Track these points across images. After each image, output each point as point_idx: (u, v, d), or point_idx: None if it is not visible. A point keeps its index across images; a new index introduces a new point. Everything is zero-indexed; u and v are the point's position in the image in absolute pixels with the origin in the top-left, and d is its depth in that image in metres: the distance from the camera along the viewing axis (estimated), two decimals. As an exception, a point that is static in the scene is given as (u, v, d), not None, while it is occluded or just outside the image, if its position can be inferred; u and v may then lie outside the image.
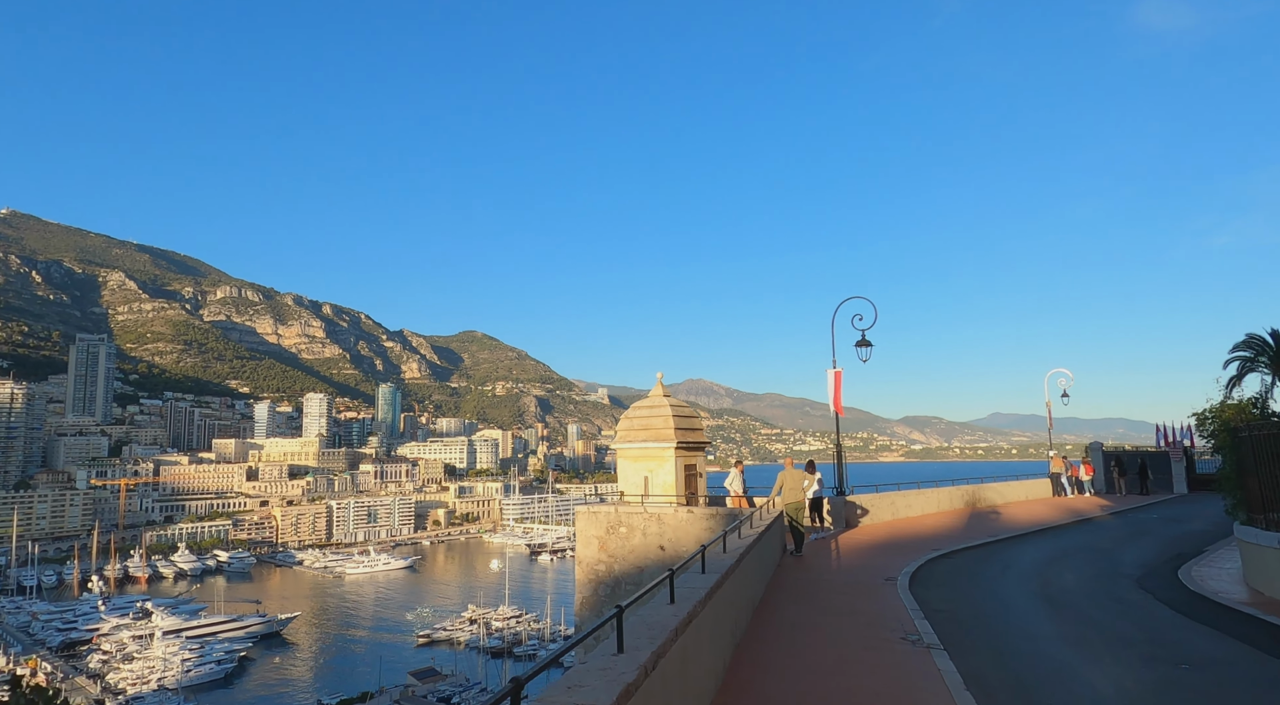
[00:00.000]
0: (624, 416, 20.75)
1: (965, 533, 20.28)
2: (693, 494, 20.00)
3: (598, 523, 17.85)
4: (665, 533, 17.15)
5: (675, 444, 19.40)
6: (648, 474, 19.69)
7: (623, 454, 20.26)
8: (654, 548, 17.20)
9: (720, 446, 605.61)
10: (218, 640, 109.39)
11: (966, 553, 16.74)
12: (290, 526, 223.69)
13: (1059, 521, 23.75)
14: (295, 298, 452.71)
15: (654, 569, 17.09)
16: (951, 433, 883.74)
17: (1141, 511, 28.53)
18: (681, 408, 20.66)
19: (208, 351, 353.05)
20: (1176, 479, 40.57)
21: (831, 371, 21.66)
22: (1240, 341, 49.81)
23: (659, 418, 19.90)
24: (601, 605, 17.61)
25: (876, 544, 17.91)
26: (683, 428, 20.02)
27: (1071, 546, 17.99)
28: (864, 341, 21.54)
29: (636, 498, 19.40)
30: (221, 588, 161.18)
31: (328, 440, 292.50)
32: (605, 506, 18.01)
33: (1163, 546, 18.25)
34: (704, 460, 20.82)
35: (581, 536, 18.02)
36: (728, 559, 8.51)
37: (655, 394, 20.90)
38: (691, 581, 7.14)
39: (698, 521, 16.78)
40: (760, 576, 11.40)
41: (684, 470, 19.81)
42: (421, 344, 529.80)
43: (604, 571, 17.71)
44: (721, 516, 16.61)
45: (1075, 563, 15.29)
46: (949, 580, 13.08)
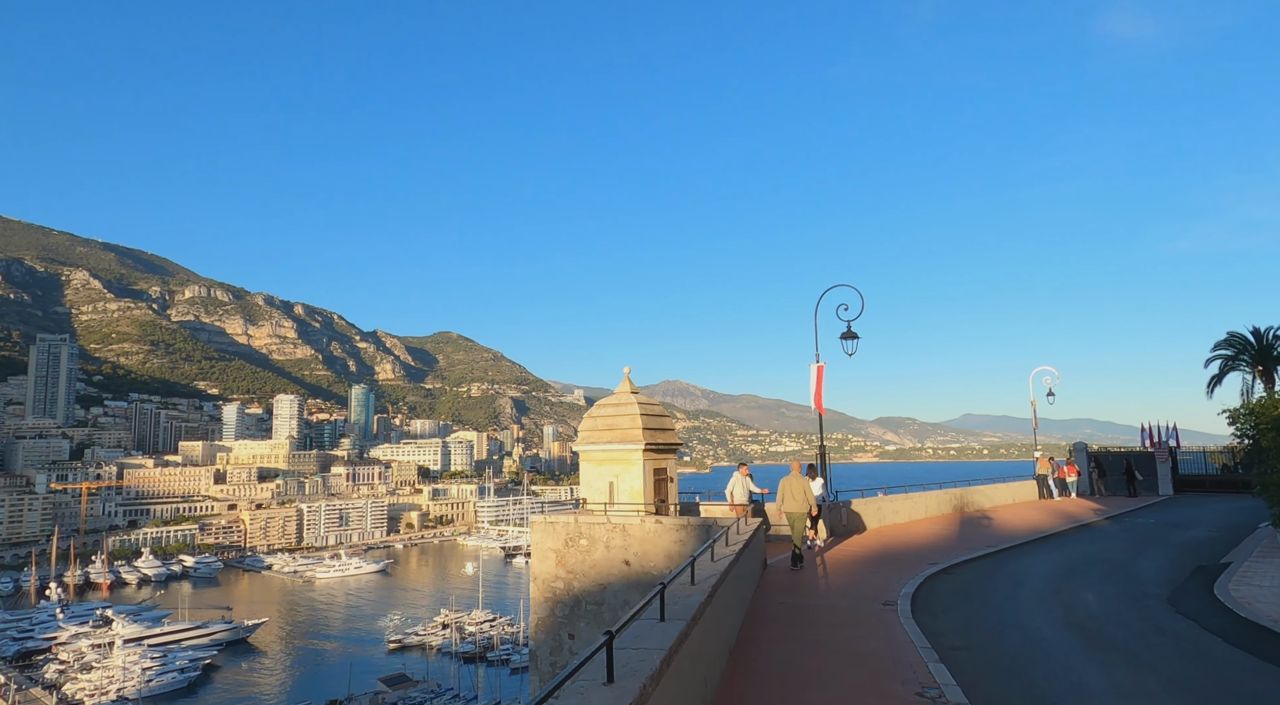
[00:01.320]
0: (587, 416, 18.76)
1: (961, 542, 18.54)
2: (663, 501, 18.09)
3: (555, 534, 15.87)
4: (631, 546, 15.20)
5: (643, 446, 17.46)
6: (613, 479, 17.74)
7: (586, 457, 18.29)
8: (618, 563, 15.24)
9: (696, 448, 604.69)
10: (181, 648, 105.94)
11: (968, 567, 14.96)
12: (259, 530, 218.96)
13: (1056, 528, 22.13)
14: (266, 298, 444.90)
15: (618, 587, 15.15)
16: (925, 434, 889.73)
17: (1137, 516, 27.09)
18: (651, 406, 18.73)
19: (175, 352, 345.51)
20: (1162, 480, 39.57)
21: (814, 366, 19.83)
22: (1221, 340, 48.62)
23: (625, 417, 17.96)
24: (559, 627, 15.61)
25: (867, 556, 16.08)
26: (652, 428, 18.09)
27: (1080, 558, 16.29)
28: (850, 333, 19.74)
29: (600, 505, 17.45)
30: (187, 594, 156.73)
31: (299, 442, 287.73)
32: (563, 516, 16.02)
33: (1177, 557, 16.65)
34: (675, 464, 18.91)
35: (537, 550, 16.02)
36: (694, 595, 6.57)
37: (622, 391, 18.95)
38: (646, 636, 5.20)
39: (667, 533, 14.84)
40: (738, 605, 9.50)
41: (653, 475, 17.88)
42: (396, 345, 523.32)
43: (562, 589, 15.71)
44: (694, 528, 14.69)
45: (1091, 578, 13.56)
46: (957, 603, 11.27)
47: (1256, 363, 48.38)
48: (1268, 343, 48.39)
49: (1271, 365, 48.30)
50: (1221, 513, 27.93)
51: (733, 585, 8.62)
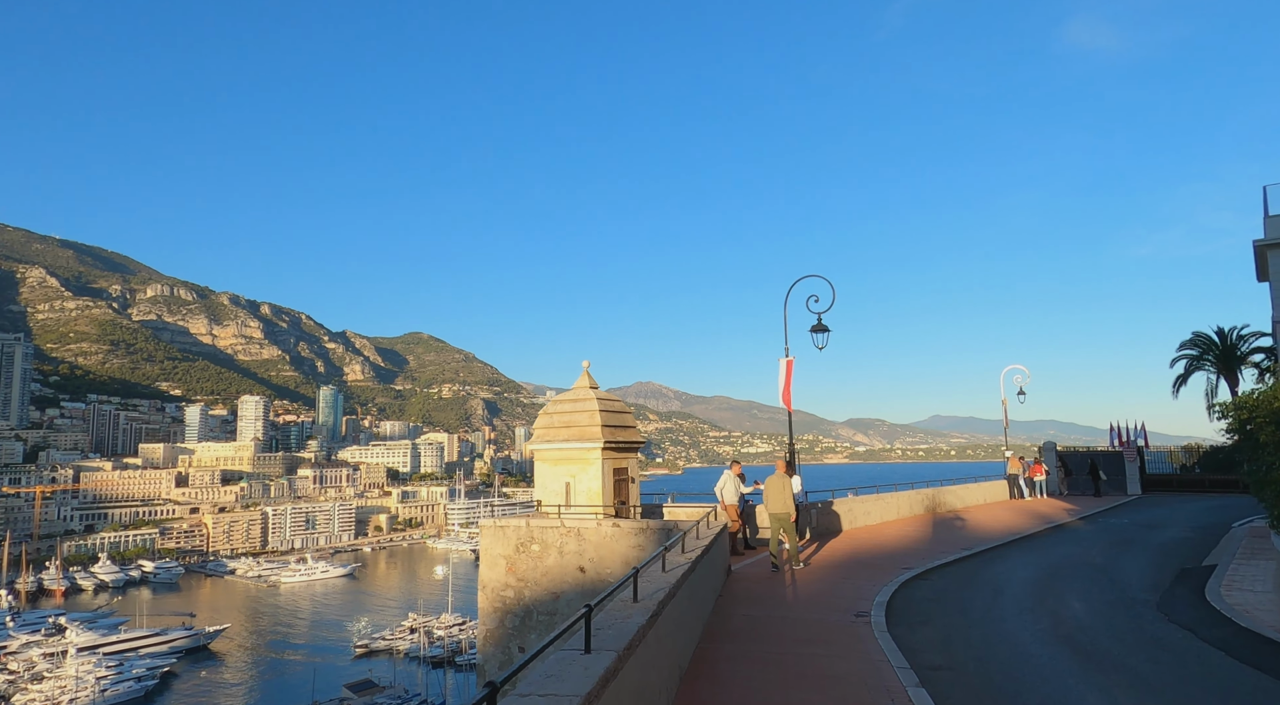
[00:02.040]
0: (543, 413, 17.66)
1: (935, 545, 17.72)
2: (623, 503, 17.03)
3: (505, 539, 14.75)
4: (586, 551, 14.14)
5: (602, 444, 16.40)
6: (570, 480, 16.65)
7: (541, 456, 17.19)
8: (572, 569, 14.17)
9: (669, 449, 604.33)
10: (139, 656, 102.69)
11: (944, 571, 14.10)
12: (222, 534, 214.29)
13: (1031, 529, 21.44)
14: (231, 297, 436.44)
15: (571, 595, 14.07)
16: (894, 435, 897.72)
17: (1110, 516, 26.64)
18: (611, 402, 17.67)
19: (136, 352, 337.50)
20: (1130, 479, 39.45)
21: (783, 361, 18.89)
22: (1186, 340, 48.57)
23: (584, 414, 16.88)
24: (509, 639, 14.49)
25: (839, 561, 15.16)
26: (612, 425, 17.03)
27: (1059, 561, 15.52)
28: (820, 326, 18.82)
29: (556, 508, 16.36)
30: (146, 600, 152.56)
31: (264, 444, 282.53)
32: (515, 519, 14.91)
33: (1158, 559, 15.98)
34: (637, 464, 17.88)
35: (486, 556, 14.89)
36: (634, 616, 5.51)
37: (580, 386, 17.87)
38: (562, 676, 4.13)
39: (625, 537, 13.81)
40: (694, 621, 8.47)
41: (613, 475, 16.83)
42: (365, 345, 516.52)
43: (512, 598, 14.59)
44: (654, 532, 13.68)
45: (1075, 583, 12.75)
46: (935, 614, 10.36)
47: (1220, 363, 48.59)
48: (1231, 343, 48.58)
49: (1235, 365, 48.51)
50: (1193, 512, 27.61)
51: (686, 600, 7.60)
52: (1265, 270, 45.57)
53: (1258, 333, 48.32)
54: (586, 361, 18.10)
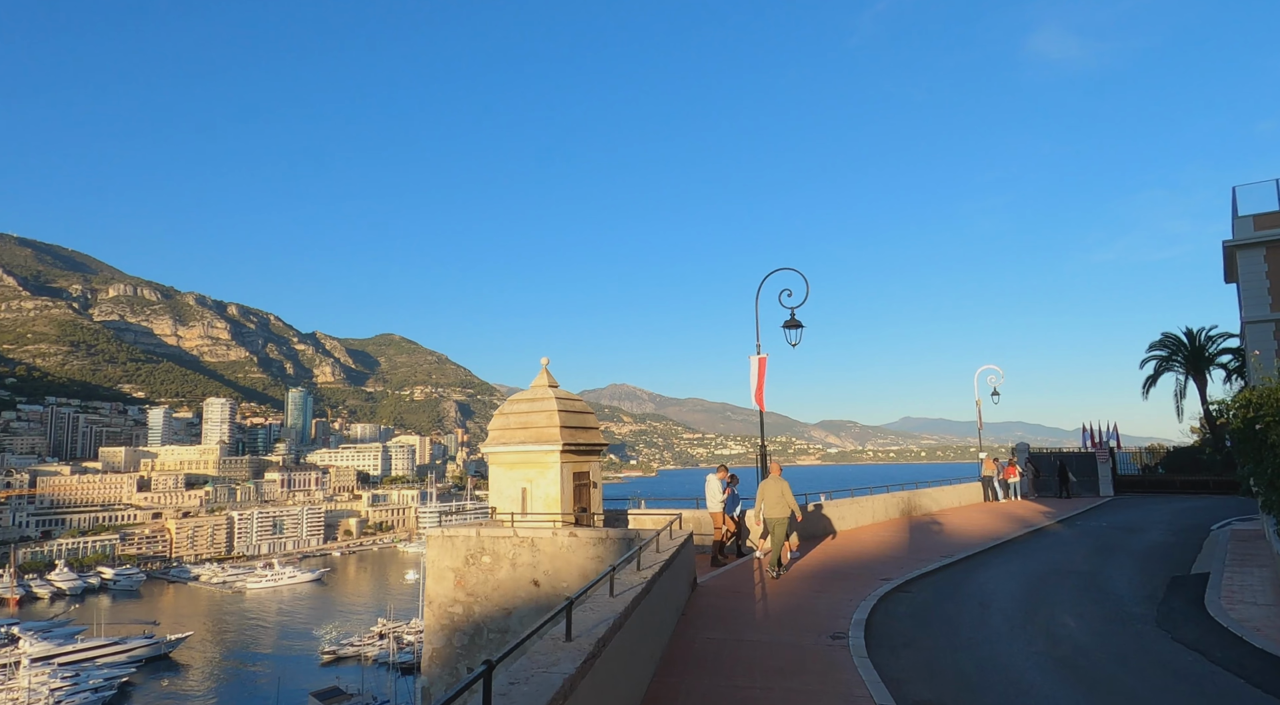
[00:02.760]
0: (498, 413, 16.51)
1: (914, 552, 16.82)
2: (584, 509, 15.92)
3: (454, 550, 13.58)
4: (541, 563, 13.02)
5: (561, 447, 15.28)
6: (526, 485, 15.52)
7: (495, 460, 16.03)
8: (526, 582, 13.04)
9: (643, 451, 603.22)
10: (96, 666, 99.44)
11: (926, 582, 13.16)
12: (186, 540, 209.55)
13: (1010, 534, 20.66)
14: (198, 297, 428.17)
15: (525, 611, 12.94)
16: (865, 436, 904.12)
17: (1087, 518, 26.04)
18: (571, 402, 16.56)
19: (97, 353, 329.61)
20: (1103, 481, 39.07)
21: (754, 358, 17.89)
22: (1156, 341, 48.35)
23: (541, 414, 15.75)
24: (457, 660, 13.32)
25: (812, 570, 14.17)
26: (572, 426, 15.92)
27: (1044, 569, 14.66)
28: (793, 321, 17.83)
29: (511, 516, 15.21)
30: (105, 608, 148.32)
31: (230, 447, 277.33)
32: (464, 528, 13.75)
33: (1145, 566, 15.21)
34: (599, 467, 16.78)
35: (433, 568, 13.72)
36: (562, 661, 4.41)
37: (539, 384, 16.75)
38: None
39: (582, 548, 12.71)
40: (647, 651, 7.40)
41: (573, 479, 15.72)
42: (336, 347, 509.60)
43: (461, 615, 13.42)
44: (615, 541, 12.60)
45: (1064, 595, 11.87)
46: (918, 633, 9.38)
47: (1189, 364, 48.58)
48: (1200, 344, 48.59)
49: (1204, 366, 48.51)
50: (1169, 515, 27.14)
51: (637, 629, 6.54)
52: (1234, 271, 45.58)
53: (1226, 333, 48.39)
54: (545, 358, 16.98)
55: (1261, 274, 42.18)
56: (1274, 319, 40.57)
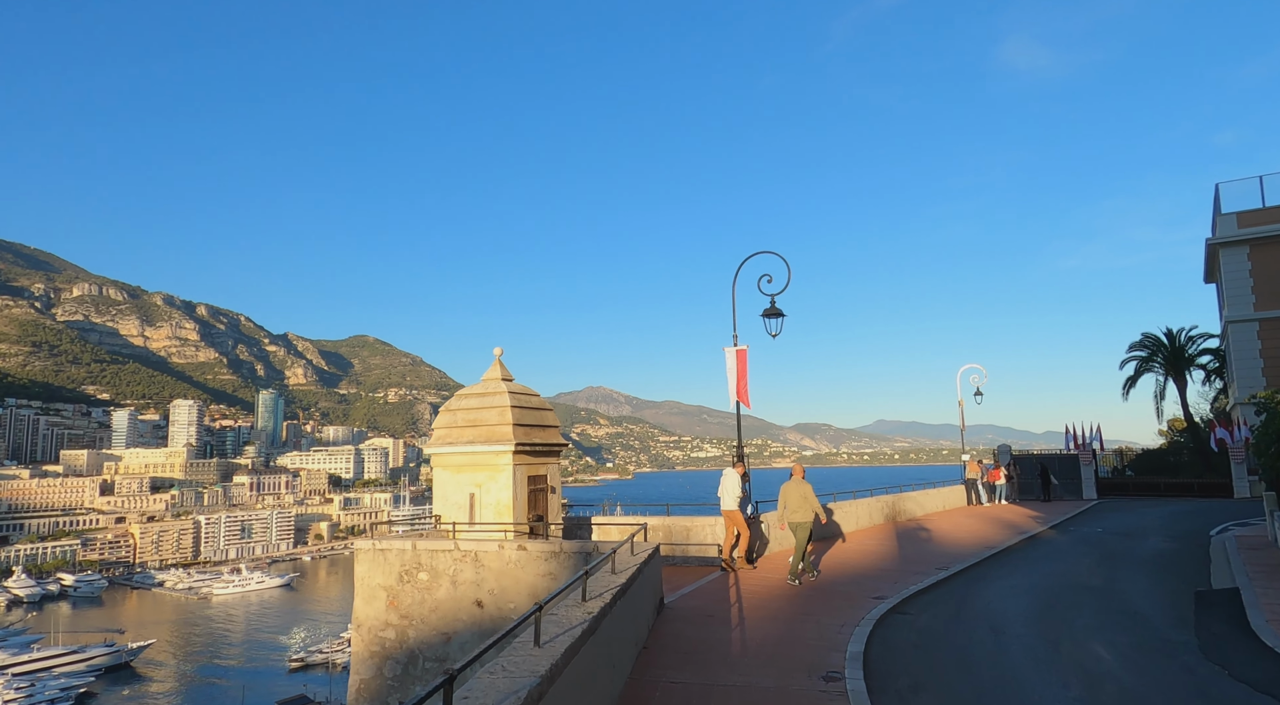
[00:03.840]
0: (444, 409, 14.72)
1: (906, 563, 15.30)
2: (540, 518, 14.19)
3: (387, 565, 11.82)
4: (486, 580, 11.30)
5: (514, 447, 13.55)
6: (475, 490, 13.76)
7: (440, 462, 14.25)
8: (468, 603, 11.31)
9: (620, 454, 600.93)
10: (53, 676, 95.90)
11: (925, 601, 11.59)
12: (151, 545, 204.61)
13: (1004, 541, 19.23)
14: (165, 297, 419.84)
15: (466, 636, 11.20)
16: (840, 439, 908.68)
17: (1079, 524, 24.79)
18: (527, 397, 14.82)
19: (60, 354, 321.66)
20: (1086, 484, 38.06)
21: (732, 350, 16.24)
22: (1135, 342, 47.28)
23: (493, 410, 14.01)
24: (388, 693, 11.53)
25: (796, 587, 12.54)
26: (527, 424, 14.19)
27: (1052, 583, 13.17)
28: (774, 310, 16.22)
29: (462, 524, 13.47)
30: (65, 615, 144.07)
31: (198, 450, 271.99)
32: (399, 541, 11.98)
33: (1158, 577, 13.80)
34: (558, 470, 15.07)
35: (362, 587, 11.94)
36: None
37: (490, 377, 14.99)
38: None
39: (533, 563, 11.01)
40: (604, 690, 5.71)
41: (527, 484, 13.99)
42: (308, 348, 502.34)
43: (393, 641, 11.65)
44: (569, 555, 10.92)
45: (1085, 617, 10.36)
46: (928, 670, 7.79)
47: (1169, 364, 47.82)
48: (1180, 345, 47.81)
49: (1184, 367, 47.75)
50: (1162, 519, 26.01)
51: (575, 684, 4.85)
52: (1215, 270, 44.84)
53: (1206, 334, 47.72)
54: (499, 348, 15.22)
55: (1245, 272, 41.33)
56: (1258, 318, 39.76)
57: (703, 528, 15.64)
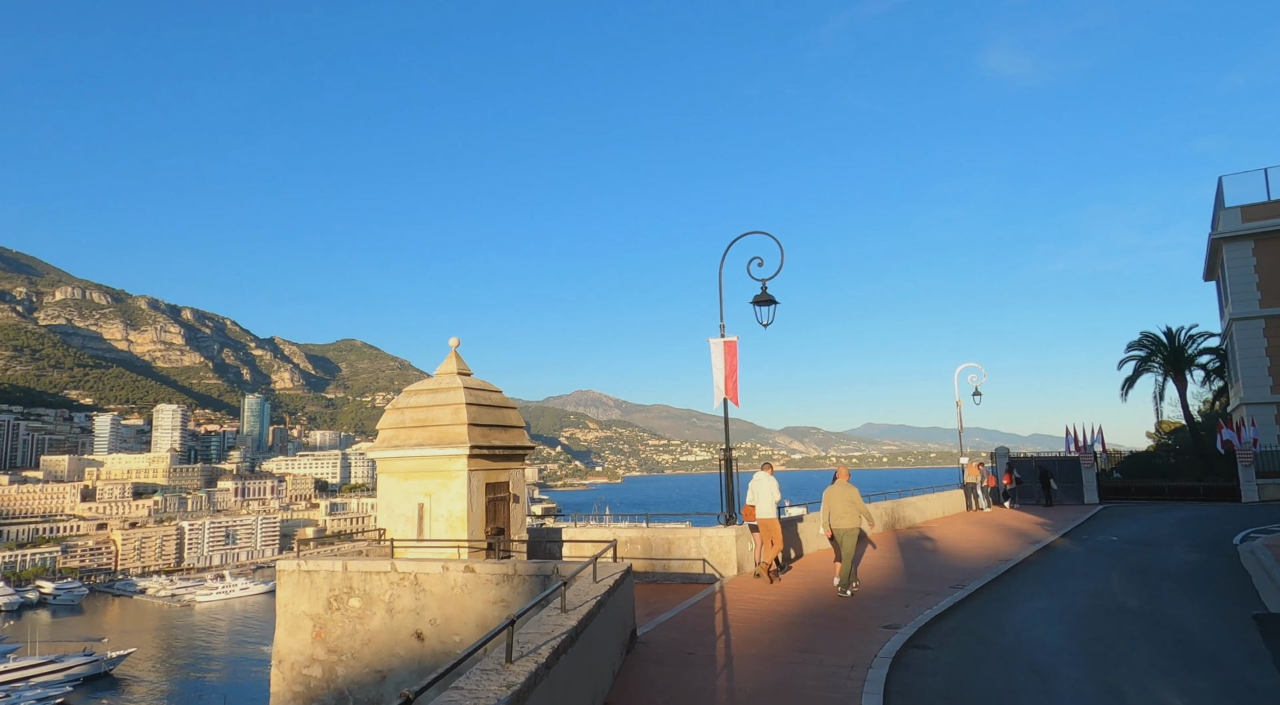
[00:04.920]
0: (391, 407, 12.95)
1: (914, 579, 13.61)
2: (500, 531, 12.42)
3: (314, 590, 10.05)
4: (427, 608, 9.55)
5: (469, 450, 11.80)
6: (424, 500, 12.00)
7: (386, 468, 12.48)
8: (406, 635, 9.55)
9: (609, 458, 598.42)
10: (29, 686, 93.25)
11: (943, 628, 9.87)
12: (133, 551, 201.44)
13: (1017, 552, 17.57)
14: (150, 301, 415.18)
15: (403, 675, 9.43)
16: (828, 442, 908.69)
17: (1091, 531, 23.21)
18: (487, 394, 13.05)
19: (42, 358, 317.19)
20: (1087, 488, 36.56)
21: (719, 341, 14.51)
22: (1134, 341, 45.70)
23: (446, 408, 12.25)
24: (312, 742, 9.76)
25: (792, 610, 10.81)
26: (486, 424, 12.43)
27: (1084, 605, 11.49)
28: (765, 297, 14.50)
29: (405, 542, 11.71)
30: (45, 624, 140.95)
31: (182, 455, 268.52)
32: (327, 561, 10.22)
33: (1202, 597, 12.16)
34: (523, 476, 13.31)
35: (284, 615, 10.16)
36: None
37: (445, 371, 13.22)
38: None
39: (482, 588, 9.27)
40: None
41: (485, 493, 12.22)
42: (295, 352, 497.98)
43: (319, 680, 9.87)
44: (524, 579, 9.18)
45: (1138, 651, 8.69)
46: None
47: (1169, 364, 46.48)
48: (1180, 344, 46.44)
49: (1184, 366, 46.39)
50: (1176, 526, 24.46)
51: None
52: (1216, 267, 43.43)
53: (1206, 333, 46.42)
54: (455, 339, 13.45)
55: (1249, 268, 39.82)
56: (1264, 316, 38.24)
57: (685, 540, 13.90)
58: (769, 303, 14.50)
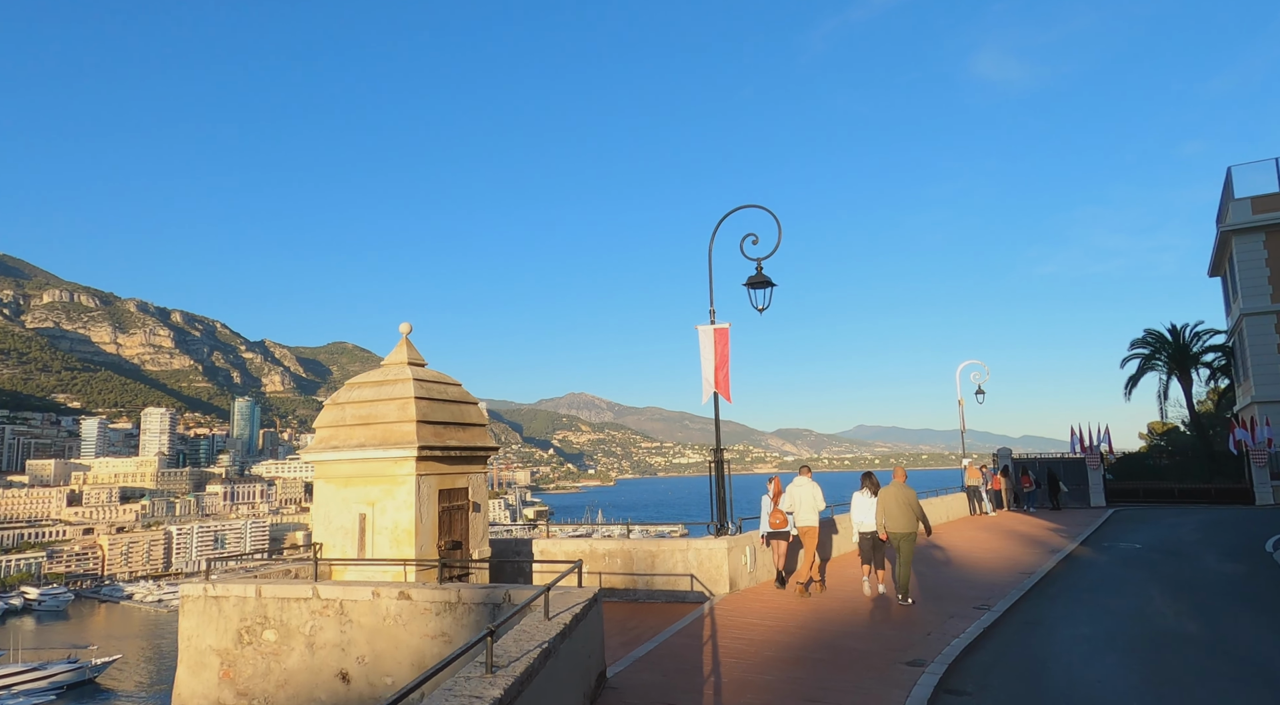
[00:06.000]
0: (329, 403, 11.26)
1: (931, 598, 11.92)
2: (456, 545, 10.73)
3: (221, 620, 8.37)
4: (354, 643, 7.89)
5: (418, 451, 10.13)
6: (367, 510, 10.31)
7: (323, 472, 10.80)
8: (329, 675, 7.88)
9: (601, 460, 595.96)
10: (11, 694, 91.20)
11: (977, 664, 8.19)
12: (120, 556, 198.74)
13: (1039, 564, 15.95)
14: (139, 304, 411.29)
15: (324, 726, 7.77)
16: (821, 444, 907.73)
17: (1109, 538, 21.68)
18: (441, 387, 11.37)
19: (29, 362, 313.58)
20: (1094, 490, 35.13)
21: (708, 328, 12.85)
22: (1138, 339, 44.12)
23: (392, 403, 10.57)
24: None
25: (792, 639, 9.14)
26: (439, 421, 10.75)
27: (1137, 632, 9.85)
28: (760, 278, 12.83)
29: (346, 560, 10.02)
30: (29, 630, 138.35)
31: (170, 459, 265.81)
32: (238, 583, 8.54)
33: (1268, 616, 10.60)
34: (485, 481, 11.63)
35: (187, 650, 8.49)
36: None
37: (394, 361, 11.55)
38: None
39: (419, 620, 7.61)
40: None
41: (439, 500, 10.55)
42: (285, 355, 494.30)
43: (225, 728, 8.20)
44: (469, 608, 7.52)
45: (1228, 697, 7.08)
46: None
47: (1174, 362, 45.10)
48: (1185, 341, 45.06)
49: (1189, 364, 45.00)
50: (1196, 530, 22.98)
51: None
52: (1224, 261, 41.93)
53: (1212, 330, 45.09)
54: (406, 325, 11.77)
55: (1260, 262, 38.23)
56: (1276, 311, 36.75)
57: (671, 554, 12.23)
58: (765, 285, 12.83)
